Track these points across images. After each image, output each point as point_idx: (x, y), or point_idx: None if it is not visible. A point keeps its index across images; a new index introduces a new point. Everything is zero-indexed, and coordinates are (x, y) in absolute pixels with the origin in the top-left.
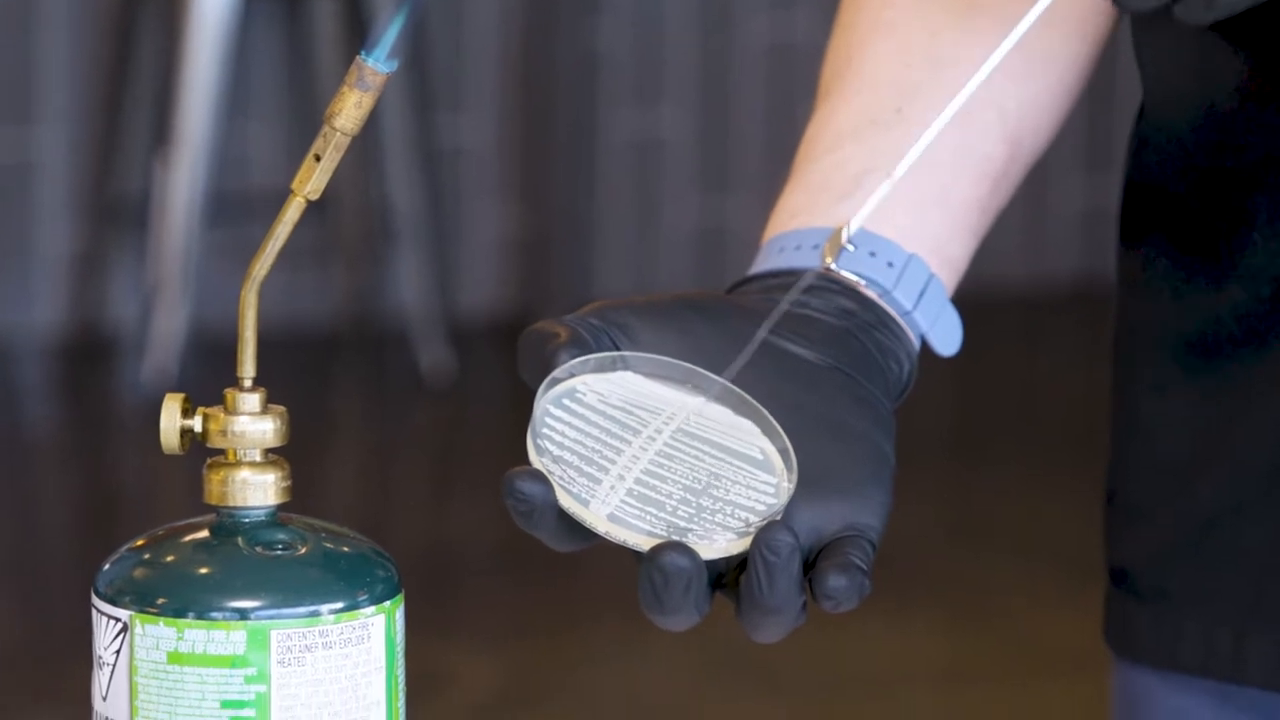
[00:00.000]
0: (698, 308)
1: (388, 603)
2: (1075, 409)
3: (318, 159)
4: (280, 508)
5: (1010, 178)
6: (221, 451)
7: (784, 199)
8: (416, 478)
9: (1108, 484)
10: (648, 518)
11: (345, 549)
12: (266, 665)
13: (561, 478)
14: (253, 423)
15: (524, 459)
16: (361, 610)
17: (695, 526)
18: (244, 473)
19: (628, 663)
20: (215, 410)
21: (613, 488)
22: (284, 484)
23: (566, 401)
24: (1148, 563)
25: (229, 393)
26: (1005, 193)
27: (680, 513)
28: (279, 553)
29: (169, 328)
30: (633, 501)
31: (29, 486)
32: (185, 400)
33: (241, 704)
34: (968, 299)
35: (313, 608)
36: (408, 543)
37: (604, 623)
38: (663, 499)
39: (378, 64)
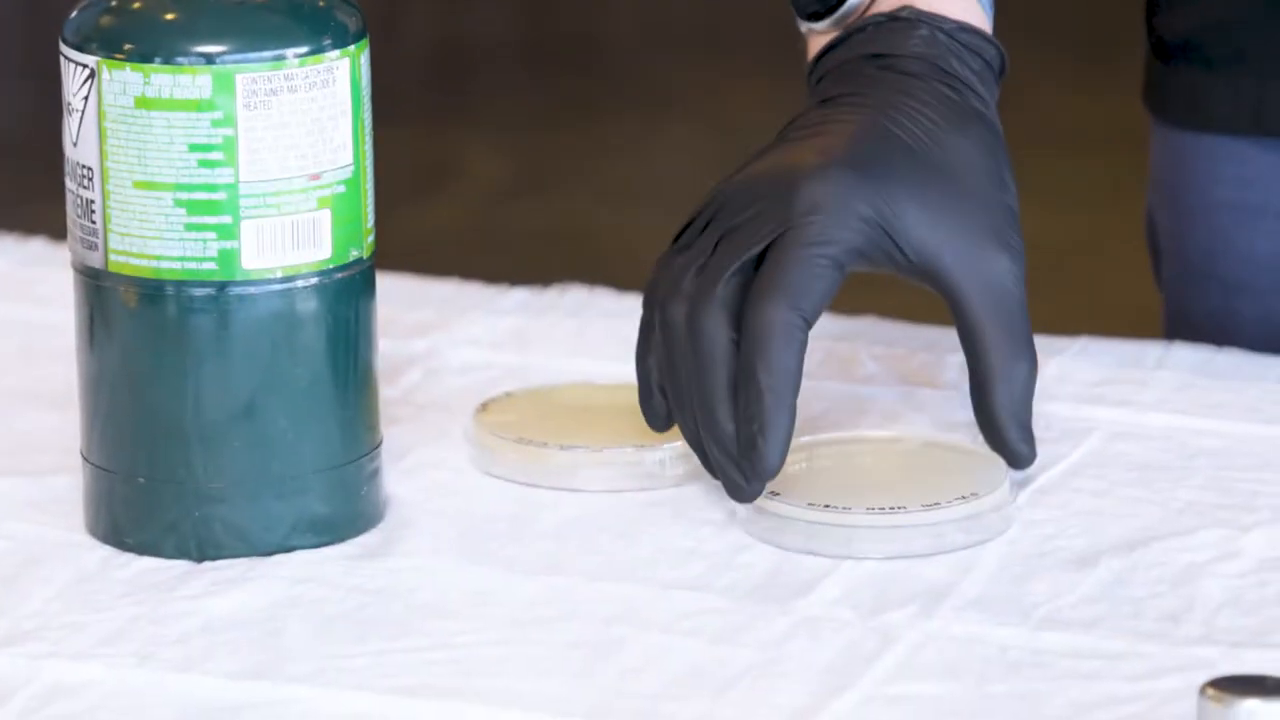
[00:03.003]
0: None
1: (353, 47)
2: None
3: None
4: None
5: None
6: None
7: None
8: None
9: None
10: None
11: None
12: (233, 109)
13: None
14: None
15: None
16: (326, 54)
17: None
18: None
19: (643, 153)
20: None
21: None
22: None
23: None
24: (1221, 29)
25: None
26: None
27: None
28: None
29: None
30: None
31: None
32: None
33: (209, 147)
34: None
35: (277, 51)
36: (421, 34)
37: (619, 116)
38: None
39: None
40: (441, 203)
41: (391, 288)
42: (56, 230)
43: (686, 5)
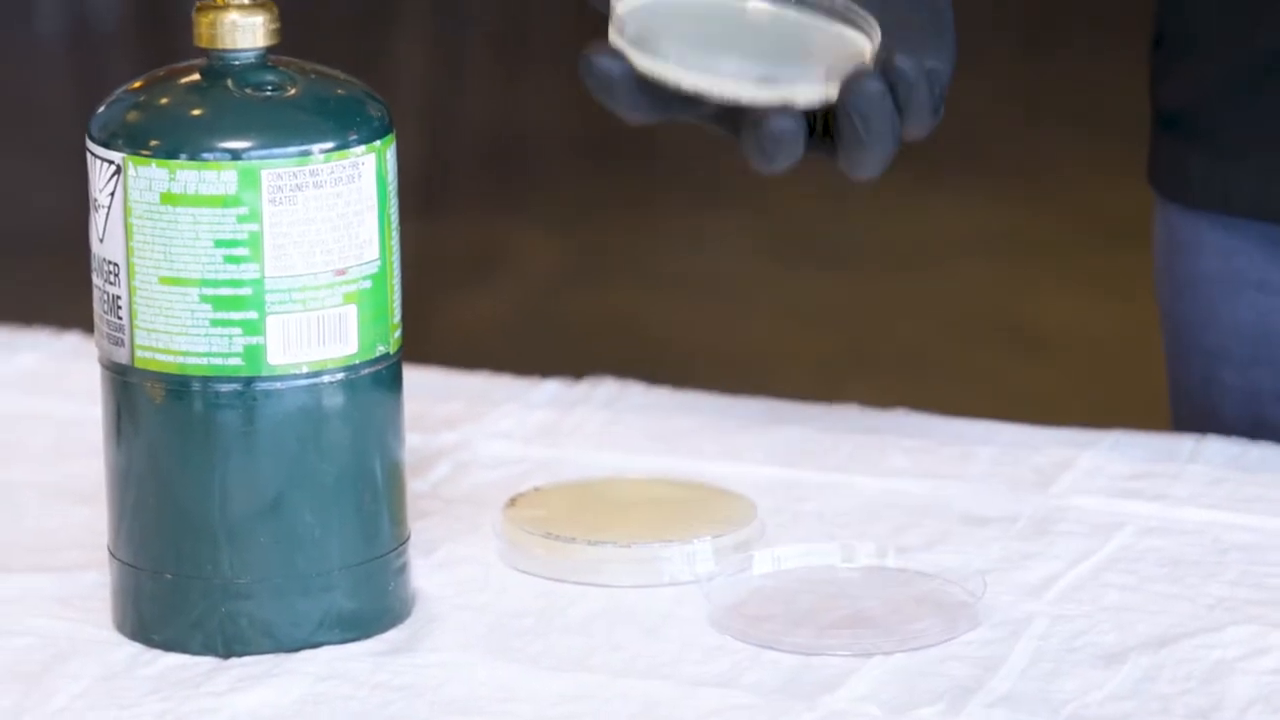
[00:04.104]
0: None
1: (379, 142)
2: None
3: None
4: (270, 50)
5: None
6: None
7: None
8: (485, 61)
9: (1156, 27)
10: (733, 66)
11: (337, 90)
12: (258, 204)
13: (637, 36)
14: None
15: (591, 41)
16: (352, 150)
17: (782, 74)
18: (232, 15)
19: (692, 243)
20: None
21: (697, 45)
22: (273, 26)
23: None
24: (1201, 105)
25: None
26: None
27: (766, 62)
28: (269, 94)
29: None
30: (715, 53)
31: (101, 71)
32: None
33: (235, 243)
34: None
35: (303, 147)
36: (474, 123)
37: (668, 206)
38: (747, 49)
39: None
40: (492, 291)
41: (423, 380)
42: (90, 324)
43: None
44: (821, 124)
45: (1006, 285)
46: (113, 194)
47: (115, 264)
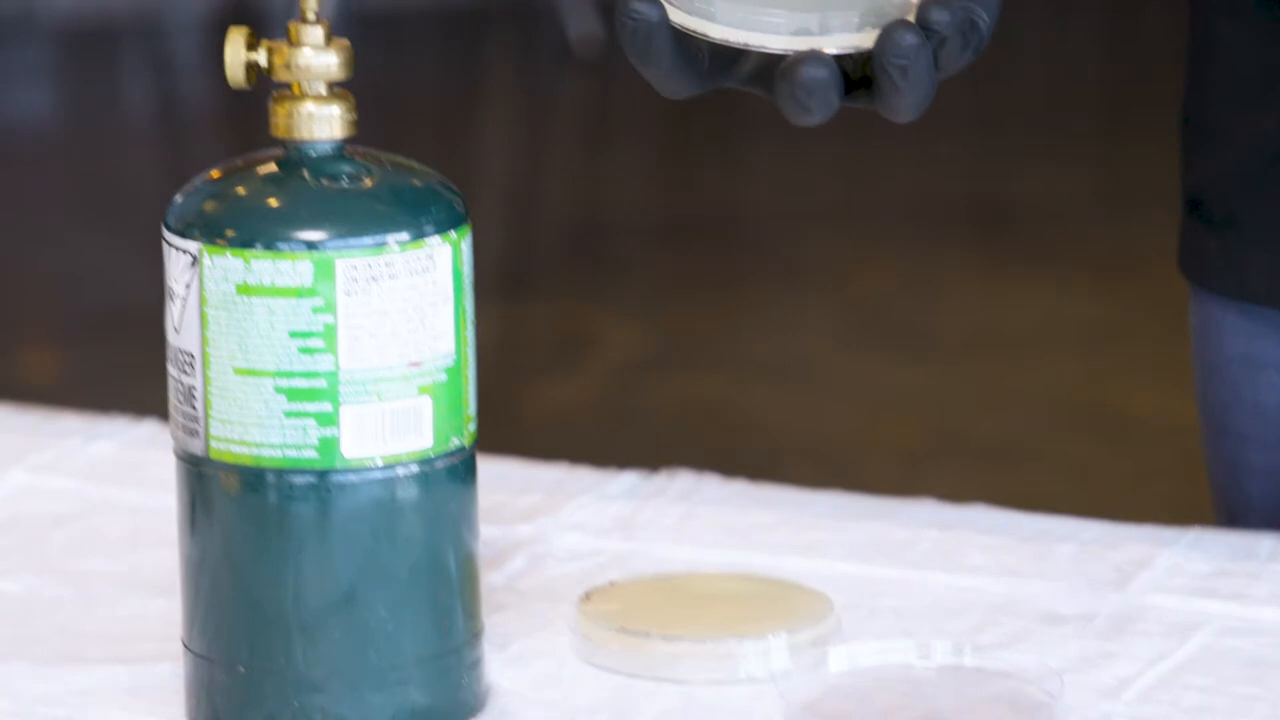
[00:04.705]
0: None
1: (454, 232)
2: None
3: None
4: (348, 140)
5: None
6: (288, 85)
7: None
8: (566, 147)
9: (1184, 109)
10: (770, 18)
11: (413, 181)
12: (333, 295)
13: None
14: (316, 55)
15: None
16: (428, 240)
17: (818, 23)
18: (309, 105)
19: (774, 328)
20: (279, 43)
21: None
22: (349, 117)
23: None
24: (1217, 189)
25: (292, 26)
26: None
27: (803, 12)
28: (344, 185)
29: None
30: (752, 6)
31: (187, 154)
32: (250, 33)
33: (309, 334)
34: None
35: (378, 238)
36: (558, 209)
37: (751, 289)
38: (785, 2)
39: None
40: (575, 376)
41: (500, 471)
42: (167, 410)
43: (822, 180)
44: (856, 73)
45: (1092, 374)
46: (189, 284)
47: (190, 354)
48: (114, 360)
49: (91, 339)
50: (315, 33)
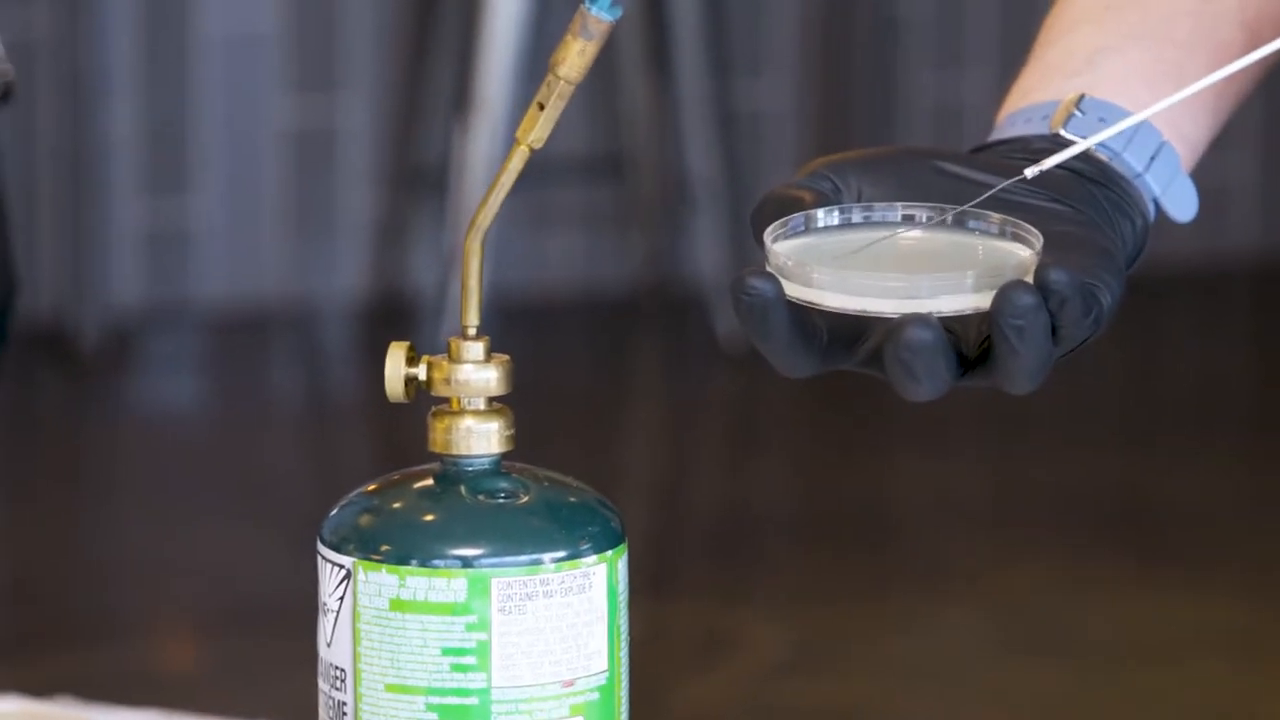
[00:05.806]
0: (932, 156)
1: (610, 552)
2: None
3: (541, 107)
4: (504, 456)
5: (1249, 68)
6: (446, 400)
7: (1019, 80)
8: (712, 443)
9: None
10: (882, 285)
11: (569, 498)
12: (488, 613)
13: (788, 268)
14: (476, 371)
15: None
16: (583, 559)
17: (928, 286)
18: (468, 421)
19: (919, 631)
20: (439, 359)
21: (844, 269)
22: (507, 433)
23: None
24: None
25: (452, 341)
26: (1243, 82)
27: (914, 275)
28: (501, 501)
29: None
30: (865, 274)
31: (334, 446)
32: (410, 349)
33: (463, 651)
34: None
35: (534, 556)
36: (702, 506)
37: (895, 593)
38: (900, 269)
39: (601, 12)
40: (718, 676)
41: None
42: (295, 706)
43: (969, 480)
44: (973, 352)
45: (1240, 685)
46: (342, 598)
47: (342, 669)
48: (251, 654)
49: (230, 632)
50: (475, 349)
